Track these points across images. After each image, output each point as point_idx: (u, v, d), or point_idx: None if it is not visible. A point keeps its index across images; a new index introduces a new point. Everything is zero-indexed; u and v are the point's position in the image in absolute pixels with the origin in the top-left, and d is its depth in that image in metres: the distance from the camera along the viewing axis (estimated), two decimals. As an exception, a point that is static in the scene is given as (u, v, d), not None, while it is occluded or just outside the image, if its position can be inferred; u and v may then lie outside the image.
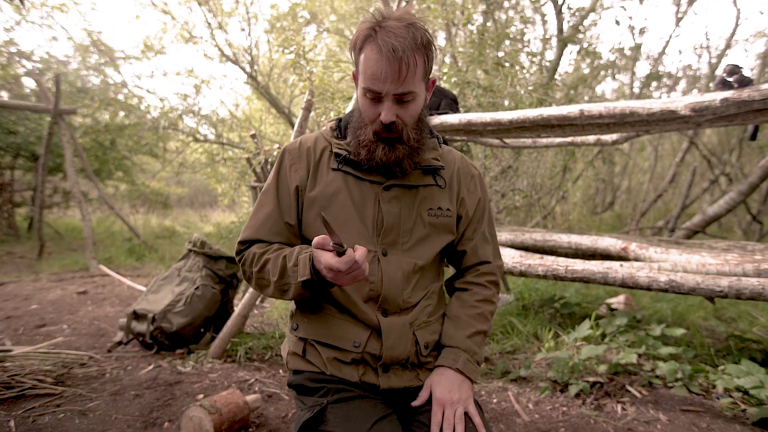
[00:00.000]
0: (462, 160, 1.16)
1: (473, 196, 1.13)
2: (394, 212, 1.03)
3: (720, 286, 1.82)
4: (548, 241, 2.72)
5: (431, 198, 1.07)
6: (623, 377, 2.04)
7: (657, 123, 1.98)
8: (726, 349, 2.31)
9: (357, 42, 0.97)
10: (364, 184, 1.04)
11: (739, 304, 3.10)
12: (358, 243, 0.97)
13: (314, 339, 1.04)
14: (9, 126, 7.58)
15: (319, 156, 1.08)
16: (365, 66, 0.95)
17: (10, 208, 7.95)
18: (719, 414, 1.75)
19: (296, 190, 1.06)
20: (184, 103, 8.00)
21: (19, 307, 3.44)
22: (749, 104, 1.74)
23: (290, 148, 1.10)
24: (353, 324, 1.01)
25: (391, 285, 1.01)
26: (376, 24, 0.95)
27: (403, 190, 1.05)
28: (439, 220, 1.06)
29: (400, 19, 0.95)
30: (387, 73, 0.93)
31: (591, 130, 2.22)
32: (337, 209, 1.03)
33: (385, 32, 0.93)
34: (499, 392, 2.02)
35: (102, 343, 2.64)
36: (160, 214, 11.30)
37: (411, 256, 1.04)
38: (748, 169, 6.71)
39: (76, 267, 5.13)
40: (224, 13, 7.32)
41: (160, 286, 2.69)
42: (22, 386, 1.92)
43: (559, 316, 2.89)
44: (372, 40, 0.94)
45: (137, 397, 1.93)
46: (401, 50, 0.91)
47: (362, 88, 0.98)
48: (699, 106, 1.81)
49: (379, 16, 0.96)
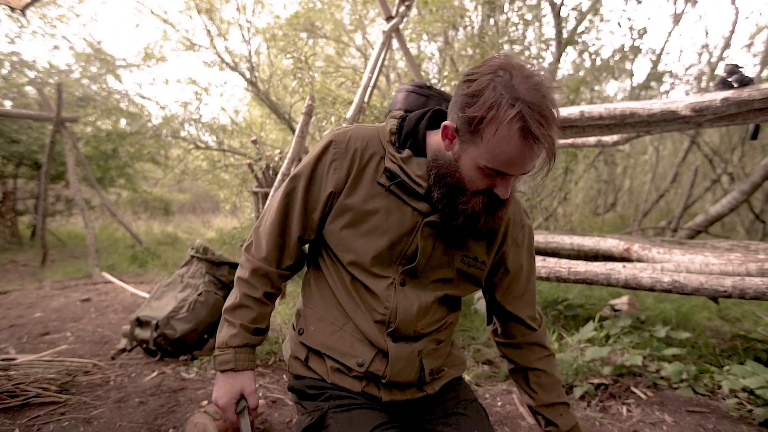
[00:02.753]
0: (515, 206, 1.06)
1: (519, 250, 1.07)
2: (428, 248, 0.97)
3: (724, 286, 1.82)
4: (551, 243, 2.71)
5: (468, 244, 1.00)
6: (628, 379, 2.03)
7: (658, 123, 1.98)
8: (731, 350, 2.30)
9: (492, 109, 0.79)
10: (407, 210, 0.95)
11: (743, 304, 3.09)
12: (377, 267, 0.97)
13: (318, 349, 1.01)
14: (12, 135, 7.64)
15: (367, 161, 0.96)
16: (497, 143, 0.81)
17: (13, 216, 7.98)
18: (725, 415, 1.74)
19: (330, 196, 0.97)
20: (185, 111, 8.05)
21: (22, 315, 3.44)
22: (750, 104, 1.75)
23: (337, 140, 0.97)
24: (359, 341, 0.98)
25: (405, 316, 0.97)
26: (518, 99, 0.78)
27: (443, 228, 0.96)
28: (469, 270, 1.01)
29: (537, 86, 0.79)
30: (526, 160, 0.82)
31: (592, 131, 2.23)
32: (369, 227, 0.96)
33: (535, 115, 0.78)
34: (504, 395, 2.01)
35: (106, 350, 2.64)
36: (162, 220, 11.33)
37: (432, 291, 1.00)
38: (750, 168, 6.70)
39: (79, 274, 5.14)
40: (223, 21, 7.37)
41: (163, 293, 2.69)
42: (26, 395, 1.92)
43: (563, 318, 2.88)
44: (518, 121, 0.78)
45: (141, 404, 1.93)
46: (551, 140, 0.79)
47: (484, 165, 0.85)
48: (699, 106, 1.81)
49: (511, 77, 0.80)
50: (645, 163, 9.46)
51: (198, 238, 7.40)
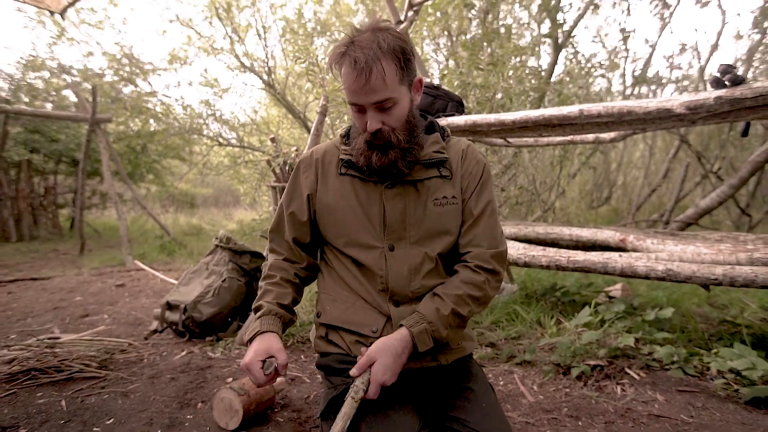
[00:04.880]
0: (469, 148, 1.10)
1: (473, 179, 1.06)
2: (399, 207, 1.01)
3: (715, 275, 1.80)
4: (550, 234, 2.69)
5: (437, 189, 1.04)
6: (622, 360, 2.02)
7: (653, 121, 1.95)
8: (719, 334, 2.27)
9: (332, 62, 0.95)
10: (369, 185, 1.04)
11: (731, 292, 3.05)
12: (366, 241, 1.03)
13: (336, 324, 1.04)
14: (52, 135, 7.76)
15: (328, 164, 1.09)
16: (344, 82, 0.94)
17: (54, 209, 8.11)
18: (713, 394, 1.73)
19: (308, 197, 1.09)
20: (208, 111, 8.08)
21: (65, 298, 3.51)
22: (742, 102, 1.70)
23: (303, 159, 1.13)
24: (370, 311, 1.01)
25: (398, 279, 1.00)
26: (348, 41, 0.93)
27: (406, 186, 1.03)
28: (445, 209, 1.03)
29: (368, 30, 0.94)
30: (360, 85, 0.92)
31: (590, 129, 2.20)
32: (346, 211, 1.04)
33: (353, 47, 0.91)
34: (506, 375, 2.01)
35: (139, 331, 2.68)
36: (187, 213, 11.44)
37: (420, 248, 1.01)
38: (739, 163, 6.57)
39: (113, 262, 5.22)
40: (242, 29, 7.35)
41: (190, 279, 2.72)
42: (70, 370, 1.97)
43: (561, 304, 2.87)
44: (344, 56, 0.93)
45: (173, 380, 1.96)
46: (369, 61, 0.89)
47: (349, 103, 0.98)
48: (694, 104, 1.77)
49: (352, 33, 0.95)
50: (638, 159, 9.33)
51: (221, 229, 7.46)
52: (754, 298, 2.76)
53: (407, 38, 0.98)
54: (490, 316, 2.67)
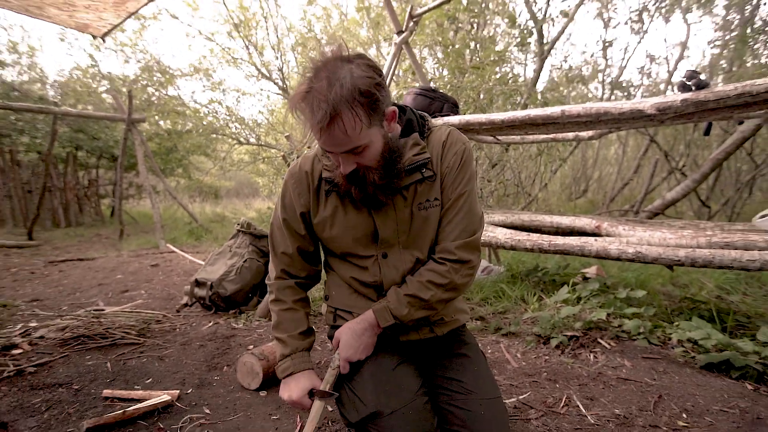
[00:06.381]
0: (449, 137, 0.94)
1: (450, 172, 0.93)
2: (389, 221, 0.94)
3: (678, 256, 1.80)
4: (534, 221, 2.69)
5: (420, 193, 0.94)
6: (595, 332, 2.03)
7: (627, 121, 1.93)
8: (680, 309, 2.28)
9: (293, 110, 0.80)
10: (356, 203, 0.95)
11: (692, 273, 3.04)
12: (360, 252, 0.97)
13: (342, 308, 1.04)
14: (93, 133, 7.76)
15: (317, 181, 0.97)
16: (310, 128, 0.79)
17: (96, 199, 8.14)
18: (673, 360, 1.74)
19: (302, 215, 0.99)
20: (230, 113, 8.04)
21: (107, 276, 3.54)
22: (705, 104, 1.69)
23: (292, 172, 0.99)
24: (373, 301, 1.00)
25: (391, 283, 0.97)
26: (307, 88, 0.77)
27: (393, 196, 0.93)
28: (429, 212, 0.94)
29: (328, 67, 0.76)
30: (326, 140, 0.79)
31: (571, 127, 2.18)
32: (338, 228, 0.97)
33: (311, 97, 0.75)
34: (493, 345, 2.03)
35: (171, 305, 2.71)
36: (212, 203, 11.45)
37: (411, 252, 0.96)
38: (702, 160, 6.51)
39: (148, 245, 5.25)
40: (260, 47, 7.27)
41: (216, 260, 2.73)
42: (113, 337, 2.00)
43: (542, 283, 2.87)
44: (304, 106, 0.77)
45: (201, 347, 1.99)
46: (329, 114, 0.74)
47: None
48: (663, 105, 1.75)
49: (312, 72, 0.78)
50: (612, 157, 9.26)
51: (242, 216, 7.47)
52: (711, 278, 2.76)
53: (374, 65, 0.80)
54: (479, 294, 2.68)
